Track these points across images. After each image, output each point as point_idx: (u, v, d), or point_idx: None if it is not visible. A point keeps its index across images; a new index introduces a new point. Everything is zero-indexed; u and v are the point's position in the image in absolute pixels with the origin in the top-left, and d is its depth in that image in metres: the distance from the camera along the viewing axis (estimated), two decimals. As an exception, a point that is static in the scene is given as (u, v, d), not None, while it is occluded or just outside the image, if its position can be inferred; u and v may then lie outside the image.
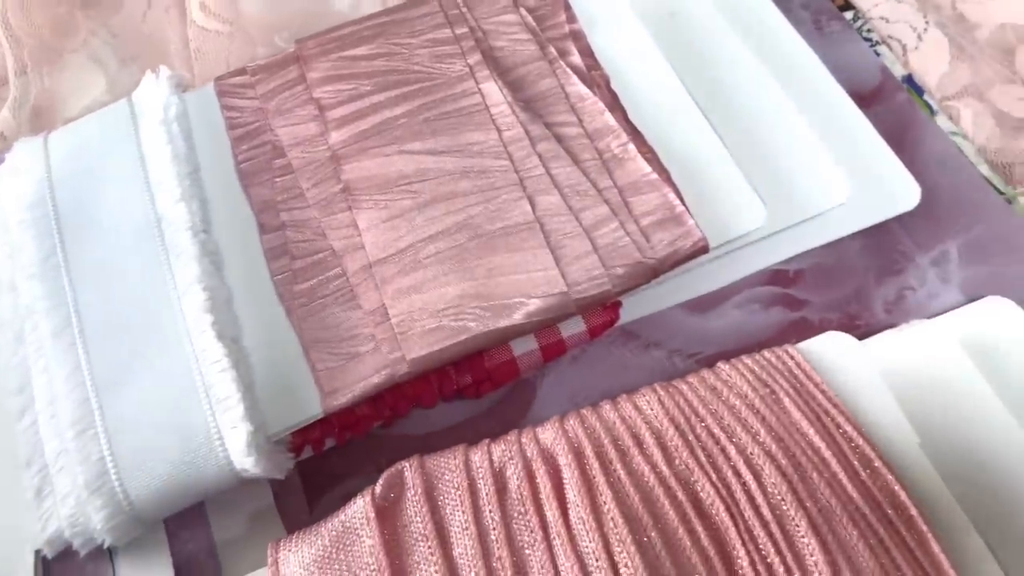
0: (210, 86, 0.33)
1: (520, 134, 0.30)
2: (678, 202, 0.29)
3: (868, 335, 0.30)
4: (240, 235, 0.30)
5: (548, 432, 0.26)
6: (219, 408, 0.26)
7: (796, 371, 0.26)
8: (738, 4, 0.37)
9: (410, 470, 0.25)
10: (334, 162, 0.30)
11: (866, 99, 0.36)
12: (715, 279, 0.31)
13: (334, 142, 0.30)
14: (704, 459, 0.25)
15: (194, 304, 0.27)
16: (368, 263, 0.28)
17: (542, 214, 0.29)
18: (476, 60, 0.31)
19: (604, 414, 0.26)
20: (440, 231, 0.28)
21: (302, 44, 0.32)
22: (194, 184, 0.30)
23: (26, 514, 0.26)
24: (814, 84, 0.35)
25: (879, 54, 0.38)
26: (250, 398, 0.26)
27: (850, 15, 0.39)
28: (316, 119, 0.31)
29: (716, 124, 0.32)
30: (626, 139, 0.30)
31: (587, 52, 0.33)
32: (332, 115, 0.31)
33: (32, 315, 0.28)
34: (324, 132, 0.30)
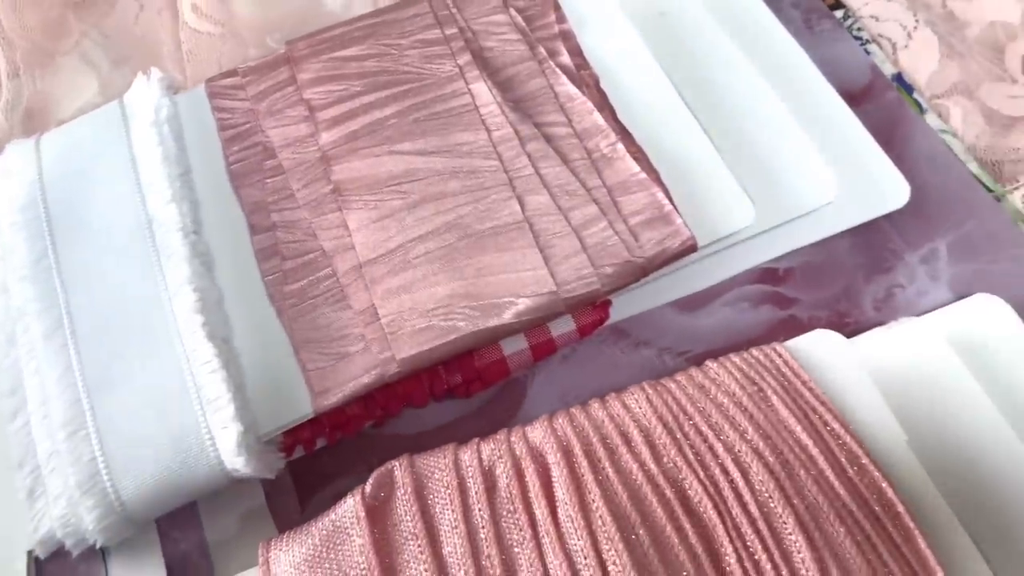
0: (201, 88, 0.33)
1: (509, 134, 0.30)
2: (667, 201, 0.29)
3: (857, 333, 0.30)
4: (231, 236, 0.30)
5: (537, 431, 0.26)
6: (210, 408, 0.26)
7: (784, 369, 0.27)
8: (728, 3, 0.37)
9: (400, 469, 0.25)
10: (324, 163, 0.30)
11: (856, 97, 0.36)
12: (705, 277, 0.31)
13: (324, 143, 0.30)
14: (692, 457, 0.25)
15: (185, 305, 0.27)
16: (358, 263, 0.28)
17: (531, 214, 0.29)
18: (466, 60, 0.32)
19: (593, 413, 0.26)
20: (430, 231, 0.29)
21: (293, 45, 0.32)
22: (185, 185, 0.30)
23: (19, 515, 0.27)
24: (804, 83, 0.35)
25: (869, 52, 0.38)
26: (241, 398, 0.26)
27: (840, 14, 0.39)
28: (307, 120, 0.31)
29: (706, 123, 0.32)
30: (615, 139, 0.30)
31: (576, 52, 0.33)
32: (322, 116, 0.31)
33: (24, 317, 0.28)
34: (314, 133, 0.31)
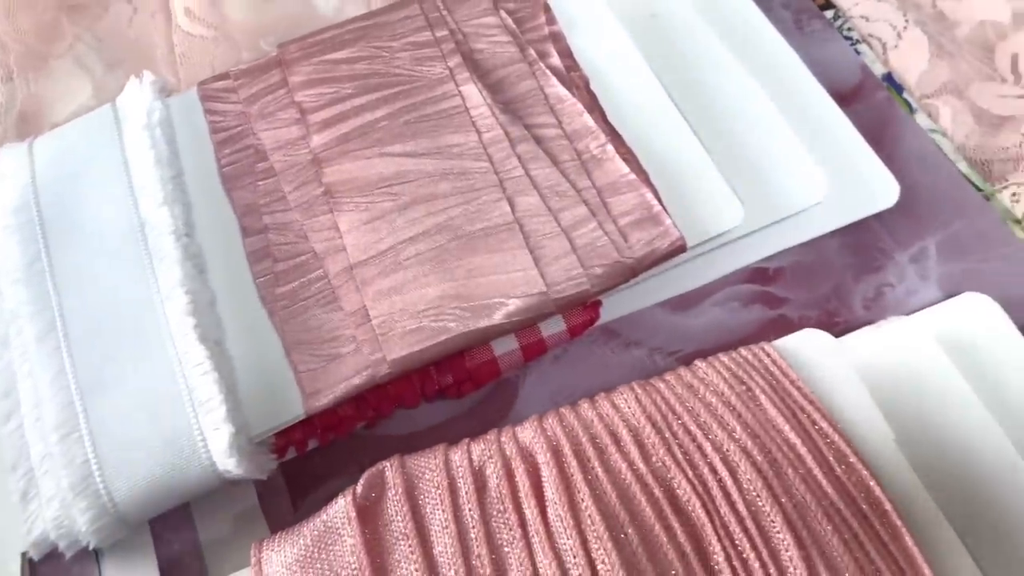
0: (194, 91, 0.33)
1: (500, 136, 0.30)
2: (656, 202, 0.29)
3: (847, 332, 0.30)
4: (223, 238, 0.30)
5: (527, 431, 0.26)
6: (202, 410, 0.26)
7: (772, 368, 0.27)
8: (719, 4, 0.37)
9: (391, 470, 0.26)
10: (316, 165, 0.30)
11: (846, 97, 0.36)
12: (695, 277, 0.32)
13: (315, 145, 0.30)
14: (681, 456, 0.25)
15: (177, 307, 0.28)
16: (349, 265, 0.28)
17: (521, 215, 0.29)
18: (456, 63, 0.32)
19: (582, 412, 0.26)
20: (420, 232, 0.29)
21: (284, 48, 0.33)
22: (177, 188, 0.30)
23: (12, 517, 0.27)
24: (794, 83, 0.35)
25: (859, 52, 0.38)
26: (232, 400, 0.27)
27: (831, 14, 0.39)
28: (298, 122, 0.31)
29: (696, 124, 0.32)
30: (605, 140, 0.30)
31: (566, 54, 0.33)
32: (313, 118, 0.31)
33: (17, 320, 0.28)
34: (306, 135, 0.31)
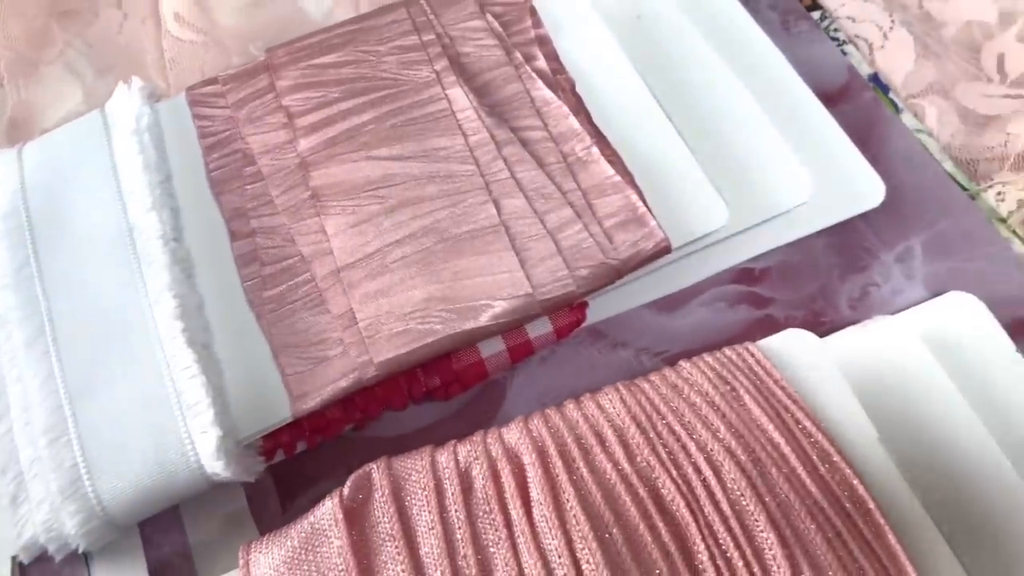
0: (182, 96, 0.33)
1: (486, 139, 0.30)
2: (641, 203, 0.29)
3: (833, 332, 0.30)
4: (211, 242, 0.30)
5: (513, 432, 0.26)
6: (189, 414, 0.26)
7: (756, 368, 0.27)
8: (705, 5, 0.37)
9: (377, 472, 0.26)
10: (303, 169, 0.30)
11: (833, 98, 0.37)
12: (681, 278, 0.32)
13: (302, 149, 0.31)
14: (665, 456, 0.25)
15: (165, 312, 0.28)
16: (336, 268, 0.29)
17: (507, 217, 0.29)
18: (443, 66, 0.32)
19: (567, 413, 0.26)
20: (407, 235, 0.29)
21: (272, 53, 0.33)
22: (165, 193, 0.30)
23: (2, 521, 0.27)
24: (780, 84, 0.36)
25: (846, 53, 0.38)
26: (220, 403, 0.27)
27: (817, 15, 0.40)
28: (285, 127, 0.31)
29: (682, 125, 0.33)
30: (590, 142, 0.30)
31: (552, 56, 0.33)
32: (301, 123, 0.31)
33: (6, 324, 0.28)
34: (293, 139, 0.31)
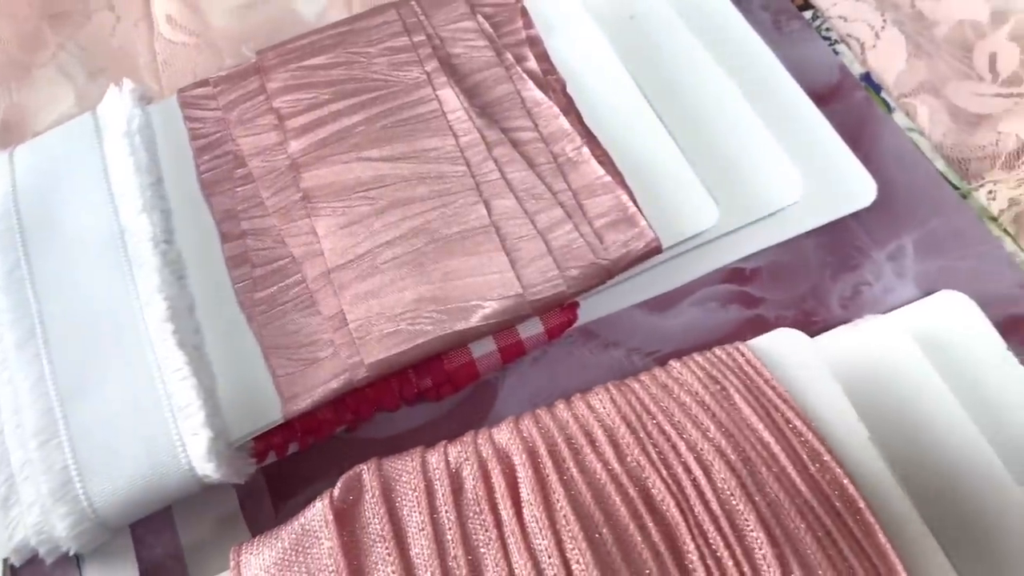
0: (174, 98, 0.33)
1: (476, 139, 0.30)
2: (631, 203, 0.29)
3: (824, 331, 0.30)
4: (202, 244, 0.30)
5: (503, 432, 0.26)
6: (180, 415, 0.26)
7: (746, 368, 0.27)
8: (698, 5, 0.37)
9: (368, 473, 0.26)
10: (293, 170, 0.30)
11: (825, 97, 0.37)
12: (673, 278, 0.32)
13: (293, 151, 0.31)
14: (655, 456, 0.25)
15: (155, 314, 0.28)
16: (327, 269, 0.29)
17: (498, 218, 0.29)
18: (433, 67, 0.32)
19: (558, 413, 0.26)
20: (397, 236, 0.29)
21: (262, 55, 0.33)
22: (156, 195, 0.30)
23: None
24: (772, 84, 0.36)
25: (838, 53, 0.38)
26: (211, 405, 0.27)
27: (809, 14, 0.40)
28: (276, 128, 0.31)
29: (674, 125, 0.33)
30: (580, 142, 0.30)
31: (543, 57, 0.33)
32: (291, 124, 0.31)
33: (-4, 327, 0.28)
34: (284, 141, 0.31)
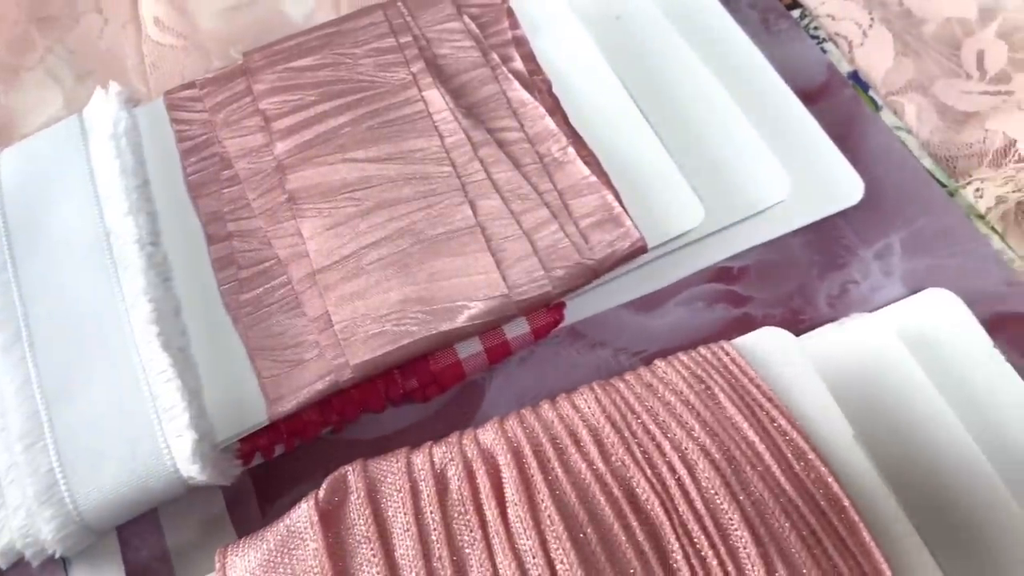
0: (160, 100, 0.33)
1: (462, 140, 0.30)
2: (616, 203, 0.29)
3: (811, 329, 0.30)
4: (189, 246, 0.30)
5: (488, 433, 0.26)
6: (165, 417, 0.26)
7: (731, 367, 0.27)
8: (685, 5, 0.37)
9: (353, 474, 0.26)
10: (279, 172, 0.30)
11: (812, 96, 0.37)
12: (660, 278, 0.32)
13: (279, 152, 0.31)
14: (640, 455, 0.25)
15: (141, 316, 0.28)
16: (312, 270, 0.29)
17: (483, 218, 0.29)
18: (419, 68, 0.32)
19: (543, 414, 0.26)
20: (383, 237, 0.29)
21: (249, 57, 0.33)
22: (142, 197, 0.30)
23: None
24: (760, 83, 0.36)
25: (825, 51, 0.38)
26: (196, 407, 0.27)
27: (797, 13, 0.40)
28: (262, 130, 0.31)
29: (660, 124, 0.33)
30: (566, 143, 0.30)
31: (529, 58, 0.33)
32: (277, 126, 0.31)
33: (-18, 330, 0.28)
34: (270, 143, 0.31)
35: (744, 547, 0.24)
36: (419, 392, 0.30)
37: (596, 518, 0.24)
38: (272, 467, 0.30)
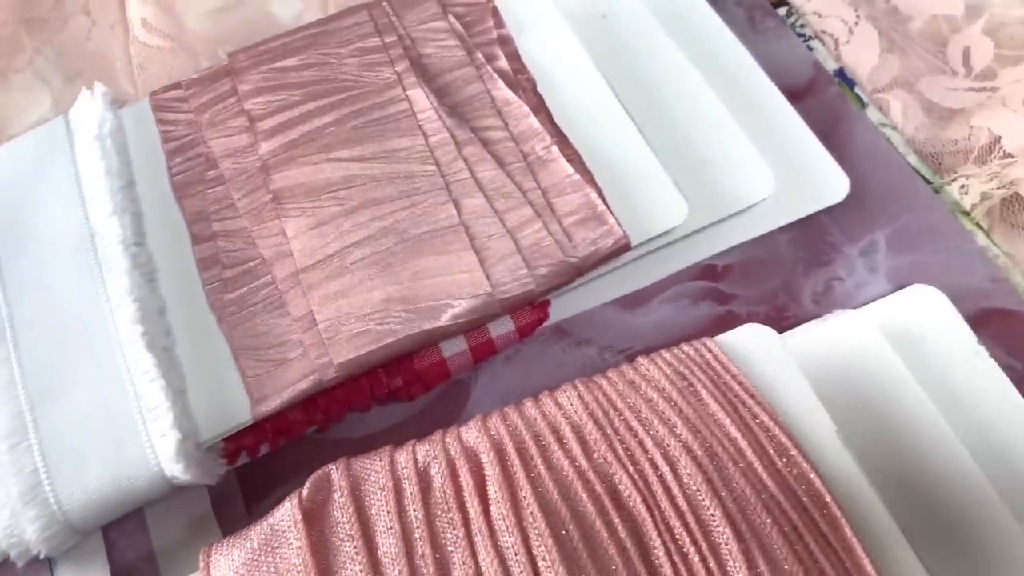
0: (146, 101, 0.33)
1: (446, 139, 0.30)
2: (600, 201, 0.29)
3: (796, 327, 0.30)
4: (174, 246, 0.30)
5: (471, 431, 0.26)
6: (149, 417, 0.27)
7: (714, 363, 0.27)
8: (671, 3, 0.37)
9: (336, 472, 0.26)
10: (264, 172, 0.30)
11: (798, 94, 0.37)
12: (645, 275, 0.32)
13: (264, 152, 0.31)
14: (622, 452, 0.25)
15: (125, 316, 0.28)
16: (296, 270, 0.29)
17: (467, 217, 0.29)
18: (404, 67, 0.32)
19: (526, 411, 0.26)
20: (366, 236, 0.29)
21: (234, 57, 0.33)
22: (127, 198, 0.30)
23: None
24: (746, 81, 0.36)
25: (812, 49, 0.38)
26: (180, 406, 0.27)
27: (783, 11, 0.40)
28: (247, 130, 0.31)
29: (645, 123, 0.33)
30: (550, 141, 0.30)
31: (514, 57, 0.33)
32: (262, 126, 0.31)
33: (-33, 331, 0.29)
34: (254, 143, 0.31)
35: (726, 543, 0.24)
36: (404, 391, 0.30)
37: (578, 515, 0.24)
38: (258, 466, 0.30)
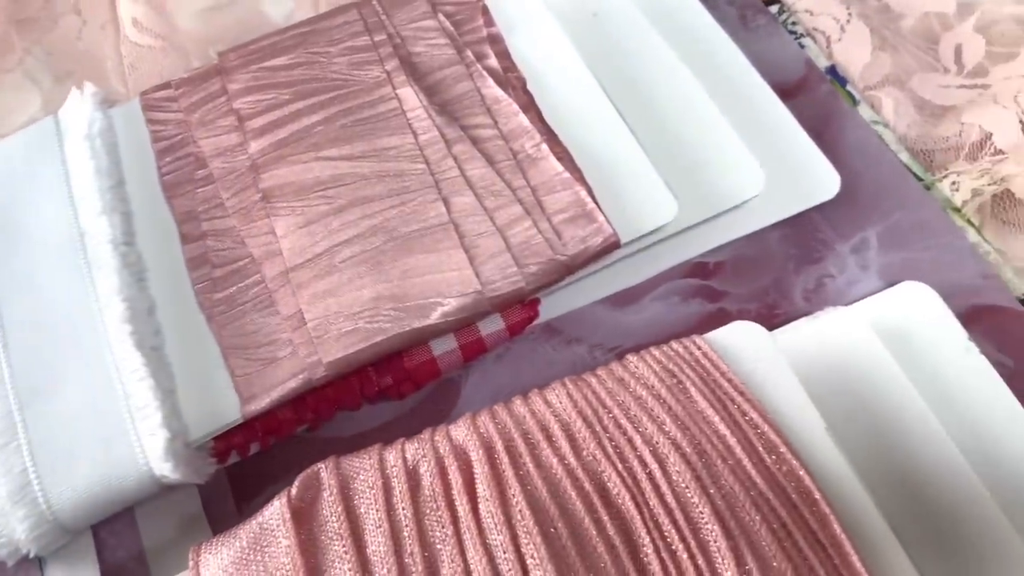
0: (136, 101, 0.33)
1: (436, 137, 0.30)
2: (589, 199, 0.29)
3: (787, 324, 0.30)
4: (163, 245, 0.30)
5: (460, 429, 0.26)
6: (138, 416, 0.26)
7: (703, 360, 0.27)
8: (663, 1, 0.37)
9: (325, 471, 0.26)
10: (253, 171, 0.30)
11: (790, 91, 0.37)
12: (635, 273, 0.32)
13: (253, 151, 0.31)
14: (611, 450, 0.25)
15: (114, 315, 0.28)
16: (285, 269, 0.29)
17: (457, 215, 0.29)
18: (394, 66, 0.32)
19: (515, 409, 0.26)
20: (356, 235, 0.29)
21: (224, 56, 0.33)
22: (116, 197, 0.30)
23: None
24: (737, 79, 0.36)
25: (804, 47, 0.38)
26: (169, 405, 0.27)
27: (775, 9, 0.40)
28: (237, 130, 0.31)
29: (636, 121, 0.33)
30: (540, 139, 0.30)
31: (504, 55, 0.33)
32: (251, 125, 0.31)
33: (-44, 331, 0.28)
34: (244, 142, 0.31)
35: (714, 540, 0.24)
36: (394, 389, 0.30)
37: (567, 512, 0.24)
38: (248, 465, 0.30)
